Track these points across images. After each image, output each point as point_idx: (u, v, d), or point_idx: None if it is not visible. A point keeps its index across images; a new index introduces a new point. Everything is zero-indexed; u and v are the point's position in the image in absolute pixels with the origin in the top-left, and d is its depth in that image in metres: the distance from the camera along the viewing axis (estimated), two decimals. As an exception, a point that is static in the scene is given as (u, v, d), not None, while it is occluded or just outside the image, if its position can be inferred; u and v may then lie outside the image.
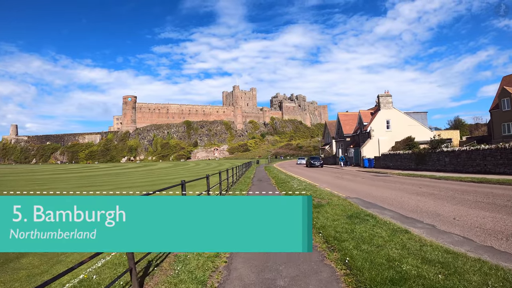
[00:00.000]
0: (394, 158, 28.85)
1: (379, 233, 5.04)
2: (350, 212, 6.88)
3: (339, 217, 6.32)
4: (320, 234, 5.24)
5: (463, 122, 68.96)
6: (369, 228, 5.39)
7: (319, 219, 6.18)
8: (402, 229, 5.44)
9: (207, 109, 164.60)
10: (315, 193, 10.35)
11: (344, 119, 45.35)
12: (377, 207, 8.26)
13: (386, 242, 4.58)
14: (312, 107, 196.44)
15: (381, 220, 6.04)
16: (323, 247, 4.61)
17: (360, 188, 13.29)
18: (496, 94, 42.11)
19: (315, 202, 8.32)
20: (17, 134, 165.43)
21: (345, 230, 5.23)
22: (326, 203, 8.20)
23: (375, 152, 34.49)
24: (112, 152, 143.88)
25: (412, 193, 10.96)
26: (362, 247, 4.32)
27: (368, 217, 6.23)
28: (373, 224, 5.67)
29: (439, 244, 4.65)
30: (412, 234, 5.15)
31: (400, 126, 35.82)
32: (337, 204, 7.92)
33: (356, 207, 7.51)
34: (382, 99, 36.95)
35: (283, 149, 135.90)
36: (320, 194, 10.21)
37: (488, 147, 18.39)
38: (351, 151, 41.23)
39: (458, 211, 7.62)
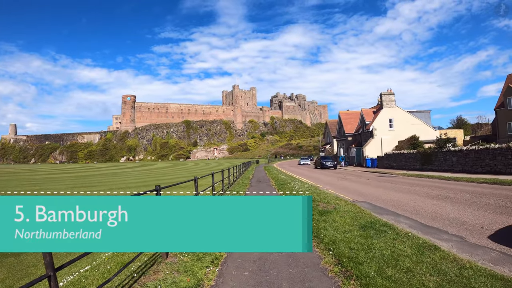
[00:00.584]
0: (398, 158, 27.91)
1: (404, 251, 4.10)
2: (362, 220, 5.91)
3: (350, 228, 5.36)
4: (330, 251, 4.28)
5: (465, 121, 68.06)
6: (390, 243, 4.44)
7: (327, 231, 5.21)
8: (428, 243, 4.50)
9: (207, 109, 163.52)
10: (319, 196, 9.37)
11: (345, 118, 44.32)
12: (390, 213, 7.31)
13: (415, 264, 3.64)
14: (312, 107, 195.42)
15: (401, 232, 5.08)
16: (336, 271, 3.64)
17: (366, 190, 12.33)
18: (501, 93, 41.17)
19: (320, 208, 7.36)
20: (16, 134, 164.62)
21: (361, 247, 4.27)
22: (333, 209, 7.24)
23: (377, 152, 33.56)
24: (111, 151, 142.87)
25: (425, 196, 10.01)
26: (386, 272, 3.37)
27: (385, 228, 5.27)
28: (393, 237, 4.72)
29: (480, 266, 3.72)
30: (443, 251, 4.21)
31: (403, 125, 34.87)
32: (345, 210, 6.95)
33: (368, 214, 6.53)
34: (384, 97, 35.98)
35: (283, 149, 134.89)
36: (325, 197, 9.23)
37: (499, 146, 17.47)
38: (353, 151, 40.27)
39: (483, 217, 6.69)
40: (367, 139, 36.17)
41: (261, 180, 19.43)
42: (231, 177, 17.45)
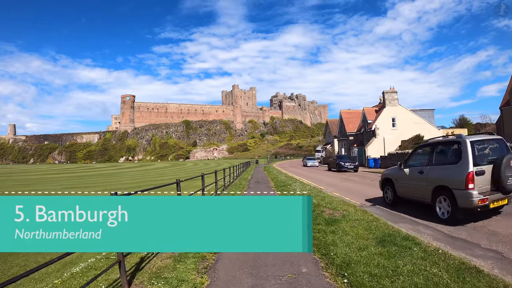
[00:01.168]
0: (402, 158, 26.87)
1: (440, 277, 3.15)
2: (378, 232, 4.94)
3: (366, 243, 4.39)
4: (344, 278, 3.29)
5: (468, 120, 67.04)
6: (419, 265, 3.48)
7: (338, 247, 4.21)
8: (467, 265, 3.55)
9: (206, 109, 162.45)
10: (323, 201, 8.38)
11: (347, 117, 43.32)
12: (407, 221, 6.35)
13: (462, 299, 2.70)
14: (312, 107, 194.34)
15: (429, 248, 4.11)
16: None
17: (373, 192, 11.36)
18: (506, 91, 40.08)
19: (326, 216, 6.36)
20: (15, 134, 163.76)
21: (384, 271, 3.31)
22: (341, 216, 6.25)
23: (380, 152, 32.60)
24: (110, 152, 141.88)
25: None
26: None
27: (408, 243, 4.29)
28: (421, 257, 3.76)
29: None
30: (488, 275, 3.26)
31: (406, 124, 33.90)
32: (356, 218, 5.97)
33: (384, 224, 5.54)
34: (387, 95, 35.00)
35: (283, 149, 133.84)
36: (330, 202, 8.22)
37: (511, 145, 16.50)
38: (354, 151, 39.29)
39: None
40: (369, 139, 35.20)
41: (260, 181, 18.47)
42: (228, 178, 16.50)
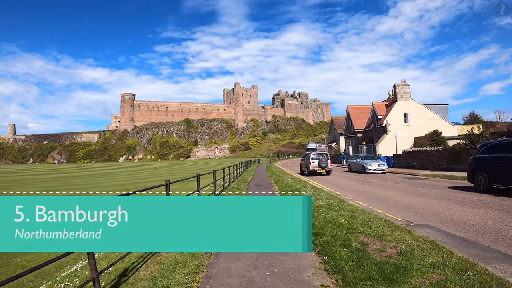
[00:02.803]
0: (419, 156, 24.42)
1: None
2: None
3: None
4: None
5: (479, 117, 64.31)
6: None
7: None
8: None
9: (208, 107, 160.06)
10: (354, 219, 5.75)
11: (354, 112, 40.73)
12: (497, 254, 3.94)
13: None
14: (314, 105, 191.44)
15: None
16: None
17: (410, 201, 8.81)
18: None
19: (377, 257, 3.77)
20: (14, 134, 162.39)
21: None
22: (401, 256, 3.69)
23: (391, 149, 30.12)
24: (110, 151, 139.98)
25: (508, 212, 6.60)
26: None
27: None
28: None
29: None
30: None
31: (419, 119, 31.39)
32: (431, 261, 3.43)
33: (473, 267, 3.15)
34: (399, 89, 32.46)
35: (285, 148, 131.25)
36: (366, 221, 5.60)
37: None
38: (363, 148, 36.75)
39: None
40: (380, 136, 32.69)
41: (261, 184, 16.08)
42: (227, 178, 14.17)
